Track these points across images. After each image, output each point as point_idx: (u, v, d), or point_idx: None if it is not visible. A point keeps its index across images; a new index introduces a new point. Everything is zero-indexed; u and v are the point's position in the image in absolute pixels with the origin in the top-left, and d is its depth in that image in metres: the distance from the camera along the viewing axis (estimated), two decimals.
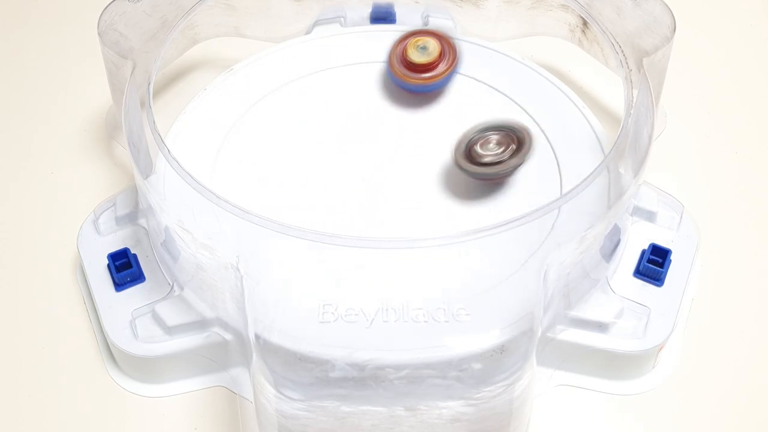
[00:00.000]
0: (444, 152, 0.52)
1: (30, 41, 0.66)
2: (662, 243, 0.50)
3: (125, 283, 0.49)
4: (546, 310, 0.45)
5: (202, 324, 0.47)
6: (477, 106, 0.55)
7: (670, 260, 0.50)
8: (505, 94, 0.56)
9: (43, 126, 0.61)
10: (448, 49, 0.54)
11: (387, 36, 0.59)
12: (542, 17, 0.59)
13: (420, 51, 0.54)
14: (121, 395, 0.49)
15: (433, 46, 0.54)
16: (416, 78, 0.54)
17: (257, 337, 0.42)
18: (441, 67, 0.54)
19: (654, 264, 0.49)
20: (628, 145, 0.49)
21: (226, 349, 0.47)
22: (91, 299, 0.50)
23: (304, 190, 0.51)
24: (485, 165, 0.49)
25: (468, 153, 0.50)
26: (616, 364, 0.48)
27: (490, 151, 0.49)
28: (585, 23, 0.56)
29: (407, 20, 0.60)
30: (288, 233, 0.43)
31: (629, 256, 0.50)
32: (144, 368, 0.48)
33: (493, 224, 0.43)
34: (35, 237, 0.55)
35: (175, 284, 0.49)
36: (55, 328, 0.51)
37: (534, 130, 0.54)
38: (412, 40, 0.54)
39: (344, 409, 0.42)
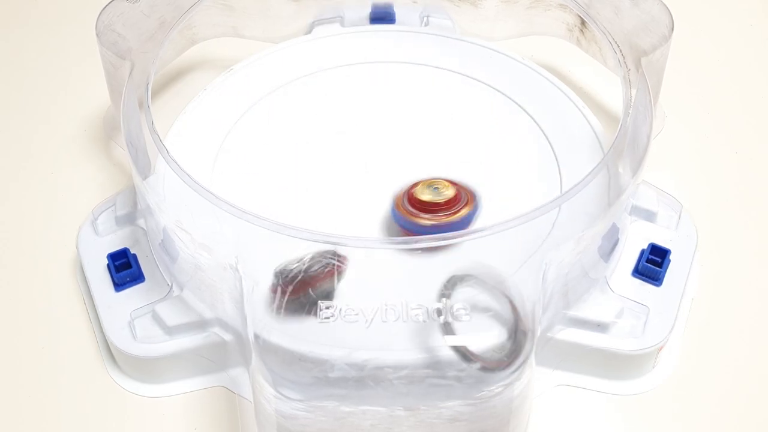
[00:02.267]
0: (444, 153, 0.52)
1: (30, 41, 0.66)
2: (661, 242, 0.50)
3: (125, 284, 0.49)
4: (545, 310, 0.45)
5: (201, 324, 0.47)
6: (477, 106, 0.55)
7: (669, 260, 0.50)
8: (505, 94, 0.56)
9: (43, 126, 0.61)
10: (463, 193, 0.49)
11: (387, 36, 0.59)
12: (540, 17, 0.59)
13: (432, 191, 0.48)
14: (121, 395, 0.49)
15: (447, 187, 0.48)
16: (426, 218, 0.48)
17: (256, 337, 0.42)
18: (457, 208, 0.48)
19: (653, 264, 0.49)
20: (626, 144, 0.49)
21: (226, 349, 0.47)
22: (91, 299, 0.50)
23: (304, 190, 0.51)
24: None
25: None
26: (616, 364, 0.48)
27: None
28: (583, 23, 0.56)
29: (406, 20, 0.60)
30: (288, 233, 0.43)
31: (628, 255, 0.50)
32: (144, 368, 0.48)
33: (493, 224, 0.43)
34: (35, 237, 0.55)
35: (174, 284, 0.49)
36: (55, 328, 0.51)
37: (534, 130, 0.54)
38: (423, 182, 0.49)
39: (343, 409, 0.42)
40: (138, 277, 0.49)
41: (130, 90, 0.50)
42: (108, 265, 0.50)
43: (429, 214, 0.48)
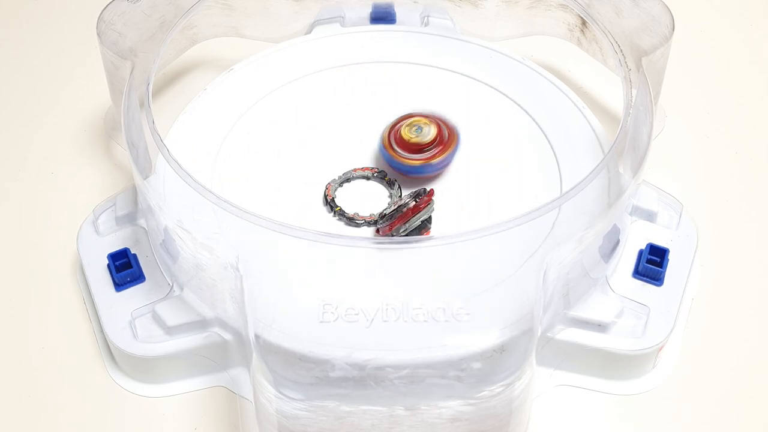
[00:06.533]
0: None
1: (30, 41, 0.66)
2: (661, 242, 0.50)
3: (125, 283, 0.49)
4: (545, 310, 0.45)
5: (201, 324, 0.47)
6: (478, 107, 0.55)
7: (668, 260, 0.50)
8: (505, 94, 0.56)
9: (43, 126, 0.61)
10: (446, 132, 0.51)
11: (387, 36, 0.59)
12: (541, 17, 0.59)
13: (415, 132, 0.51)
14: (121, 395, 0.49)
15: (429, 128, 0.51)
16: (409, 159, 0.51)
17: (257, 337, 0.42)
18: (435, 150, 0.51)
19: (652, 264, 0.49)
20: (627, 144, 0.49)
21: (226, 349, 0.47)
22: (91, 299, 0.50)
23: (304, 189, 0.51)
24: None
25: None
26: (616, 364, 0.48)
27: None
28: (584, 23, 0.56)
29: (407, 20, 0.60)
30: (288, 233, 0.43)
31: (628, 255, 0.50)
32: (144, 368, 0.48)
33: (493, 224, 0.43)
34: (35, 237, 0.55)
35: (174, 284, 0.49)
36: (55, 328, 0.51)
37: (534, 130, 0.54)
38: (407, 121, 0.51)
39: (344, 408, 0.42)
40: (138, 277, 0.49)
41: (131, 89, 0.50)
42: (108, 265, 0.50)
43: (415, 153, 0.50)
